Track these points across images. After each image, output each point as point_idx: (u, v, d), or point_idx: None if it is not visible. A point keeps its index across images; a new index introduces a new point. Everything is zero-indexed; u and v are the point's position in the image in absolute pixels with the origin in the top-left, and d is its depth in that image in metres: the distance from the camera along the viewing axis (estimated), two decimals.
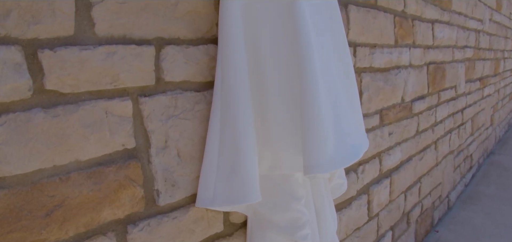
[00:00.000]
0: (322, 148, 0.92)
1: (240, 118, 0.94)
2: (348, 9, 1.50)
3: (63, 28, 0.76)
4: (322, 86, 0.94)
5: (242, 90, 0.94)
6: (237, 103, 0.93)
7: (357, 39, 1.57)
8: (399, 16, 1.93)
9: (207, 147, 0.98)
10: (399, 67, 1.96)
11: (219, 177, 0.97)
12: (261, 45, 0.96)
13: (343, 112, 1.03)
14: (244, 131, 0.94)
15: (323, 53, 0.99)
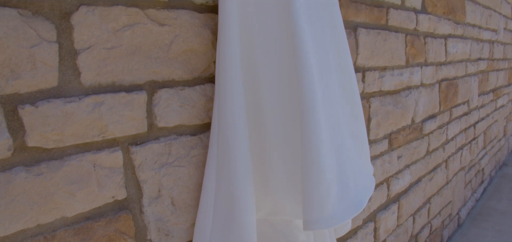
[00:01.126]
0: (323, 202, 0.85)
1: (236, 164, 0.87)
2: (357, 32, 1.43)
3: (45, 81, 0.70)
4: (326, 133, 0.87)
5: (239, 133, 0.87)
6: (233, 147, 0.87)
7: (366, 63, 1.49)
8: (411, 34, 1.84)
9: (202, 194, 0.92)
10: (410, 87, 1.87)
11: (215, 225, 0.91)
12: (261, 86, 0.90)
13: (349, 157, 0.96)
14: (240, 177, 0.88)
15: (328, 93, 0.92)
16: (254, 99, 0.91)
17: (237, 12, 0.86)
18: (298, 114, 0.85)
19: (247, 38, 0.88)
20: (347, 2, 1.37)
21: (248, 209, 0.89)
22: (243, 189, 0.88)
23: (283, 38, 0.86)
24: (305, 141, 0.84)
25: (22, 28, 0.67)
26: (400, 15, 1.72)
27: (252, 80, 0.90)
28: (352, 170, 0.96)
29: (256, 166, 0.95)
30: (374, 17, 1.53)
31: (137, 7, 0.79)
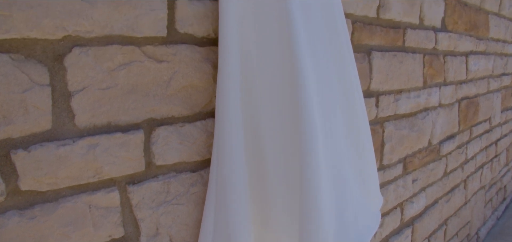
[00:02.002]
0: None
1: (233, 205, 0.84)
2: (371, 56, 1.37)
3: (38, 124, 0.69)
4: (326, 177, 0.83)
5: (237, 172, 0.84)
6: (231, 187, 0.84)
7: (380, 88, 1.43)
8: (429, 54, 1.77)
9: (201, 233, 0.90)
10: (427, 109, 1.80)
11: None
12: (262, 123, 0.86)
13: (351, 197, 0.92)
14: (237, 219, 0.85)
15: (330, 133, 0.88)
16: (254, 135, 0.88)
17: (237, 47, 0.83)
18: (298, 153, 0.82)
19: (248, 74, 0.85)
20: (361, 26, 1.32)
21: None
22: (239, 231, 0.85)
23: (285, 74, 0.82)
24: (304, 186, 0.80)
25: (13, 73, 0.65)
26: (418, 35, 1.66)
27: (253, 116, 0.86)
28: (354, 210, 0.92)
29: (256, 203, 0.92)
30: (390, 39, 1.48)
31: (133, 45, 0.77)
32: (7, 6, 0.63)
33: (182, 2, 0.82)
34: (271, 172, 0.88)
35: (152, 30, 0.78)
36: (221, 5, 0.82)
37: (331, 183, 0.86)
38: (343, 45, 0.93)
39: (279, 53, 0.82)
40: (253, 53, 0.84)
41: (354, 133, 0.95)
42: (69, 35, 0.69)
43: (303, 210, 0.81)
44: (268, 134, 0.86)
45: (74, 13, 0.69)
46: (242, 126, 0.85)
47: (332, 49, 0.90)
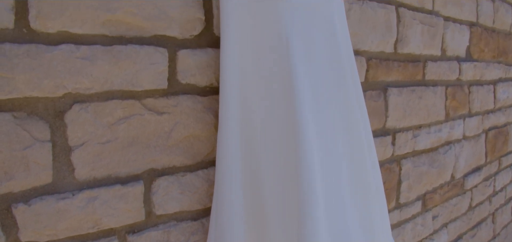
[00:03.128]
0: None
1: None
2: (387, 94, 1.33)
3: (39, 179, 0.70)
4: (326, 230, 0.80)
5: (235, 227, 0.83)
6: (230, 233, 0.83)
7: (397, 125, 1.39)
8: (453, 85, 1.71)
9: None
10: (450, 142, 1.73)
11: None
12: (262, 175, 0.85)
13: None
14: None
15: (332, 191, 0.85)
16: (254, 187, 0.86)
17: (238, 97, 0.83)
18: (296, 214, 0.80)
19: (248, 124, 0.84)
20: (376, 63, 1.28)
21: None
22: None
23: (285, 128, 0.81)
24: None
25: (15, 131, 0.67)
26: (439, 67, 1.60)
27: (253, 171, 0.85)
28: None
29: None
30: (408, 74, 1.43)
31: (133, 99, 0.78)
32: (10, 69, 0.65)
33: (184, 53, 0.83)
34: (270, 224, 0.87)
35: (152, 83, 0.79)
36: (223, 56, 0.82)
37: (333, 240, 0.83)
38: (350, 89, 0.90)
39: (280, 106, 0.81)
40: (254, 105, 0.83)
41: (361, 183, 0.92)
42: (69, 93, 0.71)
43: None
44: (268, 187, 0.84)
45: (74, 72, 0.71)
46: (241, 177, 0.84)
47: (338, 95, 0.88)
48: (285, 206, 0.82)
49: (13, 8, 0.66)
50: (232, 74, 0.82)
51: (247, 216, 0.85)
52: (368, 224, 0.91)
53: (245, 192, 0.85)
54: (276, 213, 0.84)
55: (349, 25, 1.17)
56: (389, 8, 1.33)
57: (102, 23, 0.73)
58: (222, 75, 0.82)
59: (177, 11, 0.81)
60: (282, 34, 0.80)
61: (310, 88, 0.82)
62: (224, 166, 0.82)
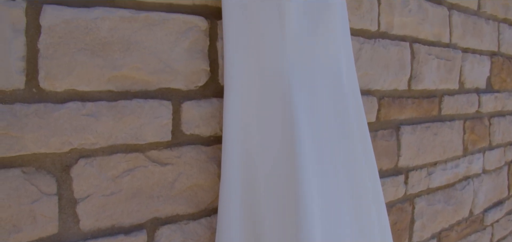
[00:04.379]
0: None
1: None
2: (400, 133, 1.31)
3: (45, 230, 0.73)
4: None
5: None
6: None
7: (410, 163, 1.36)
8: (471, 118, 1.66)
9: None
10: (468, 177, 1.68)
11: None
12: (262, 229, 0.85)
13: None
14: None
15: (334, 234, 0.84)
16: (255, 237, 0.87)
17: (240, 147, 0.83)
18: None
19: (250, 174, 0.85)
20: (388, 102, 1.27)
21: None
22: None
23: (286, 181, 0.81)
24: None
25: (24, 186, 0.70)
26: (457, 101, 1.56)
27: (254, 222, 0.85)
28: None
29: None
30: (423, 110, 1.41)
31: (137, 152, 0.80)
32: (19, 128, 0.69)
33: (188, 105, 0.84)
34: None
35: (156, 136, 0.81)
36: (226, 107, 0.83)
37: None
38: (355, 139, 0.90)
39: (282, 160, 0.81)
40: (256, 156, 0.84)
41: (366, 238, 0.91)
42: (75, 148, 0.74)
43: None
44: (268, 239, 0.84)
45: (79, 129, 0.73)
46: (243, 227, 0.85)
47: (342, 146, 0.88)
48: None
49: (24, 70, 0.69)
50: (235, 126, 0.83)
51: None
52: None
53: (247, 235, 0.85)
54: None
55: (360, 66, 1.16)
56: (403, 45, 1.31)
57: (107, 80, 0.76)
58: (225, 126, 0.83)
59: (181, 64, 0.83)
60: (285, 85, 0.81)
61: (312, 141, 0.82)
62: (226, 217, 0.83)
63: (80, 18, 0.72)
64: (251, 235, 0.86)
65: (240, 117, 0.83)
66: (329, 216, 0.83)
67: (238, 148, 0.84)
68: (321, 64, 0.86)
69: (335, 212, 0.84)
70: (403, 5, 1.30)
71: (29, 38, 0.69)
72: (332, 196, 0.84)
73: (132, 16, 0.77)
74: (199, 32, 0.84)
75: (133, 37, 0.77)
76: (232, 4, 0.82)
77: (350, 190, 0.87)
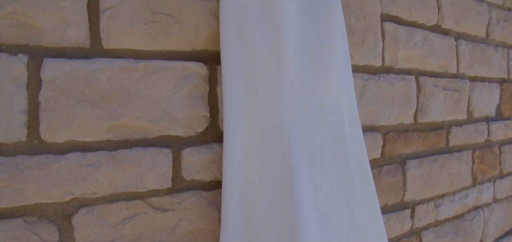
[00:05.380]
0: None
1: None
2: (406, 167, 1.30)
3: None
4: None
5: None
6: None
7: (416, 197, 1.35)
8: (480, 148, 1.63)
9: None
10: (478, 207, 1.65)
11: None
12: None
13: None
14: None
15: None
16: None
17: (240, 195, 0.83)
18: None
19: (250, 223, 0.84)
20: (394, 137, 1.26)
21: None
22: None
23: (285, 234, 0.80)
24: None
25: (26, 235, 0.71)
26: (465, 132, 1.54)
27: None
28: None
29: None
30: (429, 143, 1.39)
31: (138, 199, 0.80)
32: (21, 180, 0.70)
33: (188, 151, 0.85)
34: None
35: (156, 184, 0.81)
36: (225, 154, 0.83)
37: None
38: (357, 188, 0.89)
39: (281, 210, 0.81)
40: (256, 204, 0.84)
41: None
42: (76, 198, 0.74)
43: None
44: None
45: (80, 179, 0.74)
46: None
47: (342, 196, 0.87)
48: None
49: (26, 123, 0.71)
50: (235, 172, 0.83)
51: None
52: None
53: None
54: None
55: (364, 102, 1.15)
56: (408, 78, 1.30)
57: (107, 130, 0.76)
58: (225, 172, 0.83)
59: (181, 111, 0.83)
60: (284, 135, 0.81)
61: (312, 189, 0.82)
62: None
63: (79, 70, 0.73)
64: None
65: (240, 164, 0.83)
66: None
67: (238, 193, 0.83)
68: (321, 110, 0.86)
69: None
70: (408, 38, 1.29)
71: (31, 92, 0.71)
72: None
73: (131, 66, 0.78)
74: (198, 78, 0.85)
75: (132, 86, 0.78)
76: (230, 51, 0.83)
77: (350, 236, 0.86)
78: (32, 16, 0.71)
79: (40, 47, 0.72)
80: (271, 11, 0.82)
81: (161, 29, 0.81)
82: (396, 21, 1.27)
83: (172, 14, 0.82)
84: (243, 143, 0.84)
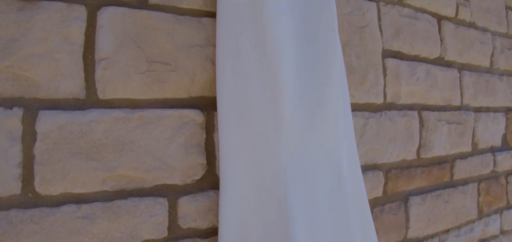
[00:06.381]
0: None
1: None
2: (408, 204, 1.27)
3: None
4: None
5: None
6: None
7: (420, 234, 1.32)
8: (486, 179, 1.60)
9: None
10: (484, 240, 1.62)
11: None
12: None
13: None
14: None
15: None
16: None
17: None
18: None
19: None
20: (396, 174, 1.24)
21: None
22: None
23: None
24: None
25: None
26: (470, 164, 1.51)
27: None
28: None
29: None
30: (433, 178, 1.36)
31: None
32: (14, 235, 0.69)
33: (185, 200, 0.84)
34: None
35: (152, 234, 0.80)
36: (222, 203, 0.82)
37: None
38: (355, 231, 0.87)
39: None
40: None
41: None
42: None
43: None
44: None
45: (74, 232, 0.73)
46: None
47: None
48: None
49: (20, 176, 0.70)
50: (231, 220, 0.82)
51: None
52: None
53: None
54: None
55: (365, 141, 1.14)
56: (411, 114, 1.28)
57: (102, 181, 0.76)
58: (221, 220, 0.82)
59: (177, 160, 0.82)
60: (280, 185, 0.80)
61: (309, 238, 0.80)
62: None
63: (74, 122, 0.73)
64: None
65: (236, 211, 0.82)
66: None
67: (234, 241, 0.82)
68: (318, 156, 0.85)
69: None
70: (410, 73, 1.28)
71: (25, 145, 0.70)
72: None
73: (126, 116, 0.77)
74: (195, 126, 0.84)
75: (128, 137, 0.77)
76: (226, 96, 0.82)
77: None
78: (28, 69, 0.71)
79: (35, 100, 0.72)
80: (268, 58, 0.81)
81: (157, 77, 0.80)
82: (398, 56, 1.26)
83: (169, 62, 0.82)
84: (239, 189, 0.83)
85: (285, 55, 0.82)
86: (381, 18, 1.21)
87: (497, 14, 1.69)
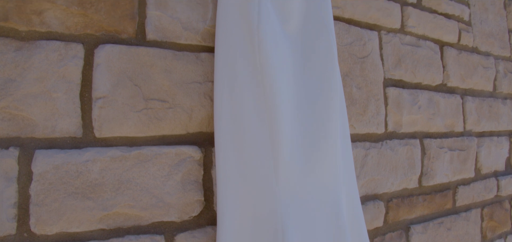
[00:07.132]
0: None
1: None
2: (410, 234, 1.26)
3: None
4: None
5: None
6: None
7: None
8: (489, 204, 1.58)
9: None
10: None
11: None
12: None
13: None
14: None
15: None
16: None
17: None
18: None
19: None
20: (397, 203, 1.22)
21: None
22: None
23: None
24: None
25: None
26: (473, 190, 1.50)
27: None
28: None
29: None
30: (435, 206, 1.35)
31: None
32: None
33: (181, 237, 0.83)
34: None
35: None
36: (218, 239, 0.81)
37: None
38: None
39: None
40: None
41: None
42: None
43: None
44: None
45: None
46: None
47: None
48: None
49: (16, 216, 0.70)
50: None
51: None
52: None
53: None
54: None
55: (366, 172, 1.13)
56: (412, 142, 1.27)
57: (99, 219, 0.75)
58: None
59: (174, 197, 0.82)
60: (277, 224, 0.79)
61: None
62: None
63: (70, 162, 0.73)
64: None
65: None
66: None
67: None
68: (316, 194, 0.84)
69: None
70: (412, 102, 1.27)
71: (21, 185, 0.70)
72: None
73: (123, 155, 0.77)
74: (192, 162, 0.84)
75: (125, 175, 0.77)
76: (223, 133, 0.81)
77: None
78: (24, 109, 0.70)
79: (32, 139, 0.71)
80: (266, 94, 0.81)
81: (154, 115, 0.80)
82: (400, 85, 1.25)
83: (166, 99, 0.81)
84: (236, 225, 0.82)
85: (283, 91, 0.82)
86: (382, 47, 1.20)
87: (500, 38, 1.68)
